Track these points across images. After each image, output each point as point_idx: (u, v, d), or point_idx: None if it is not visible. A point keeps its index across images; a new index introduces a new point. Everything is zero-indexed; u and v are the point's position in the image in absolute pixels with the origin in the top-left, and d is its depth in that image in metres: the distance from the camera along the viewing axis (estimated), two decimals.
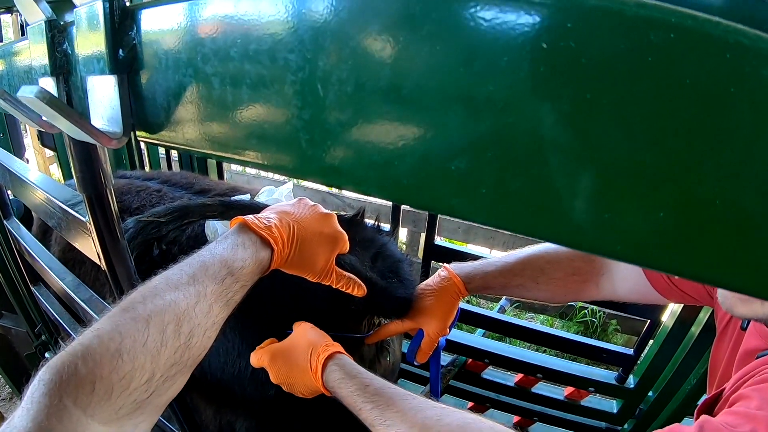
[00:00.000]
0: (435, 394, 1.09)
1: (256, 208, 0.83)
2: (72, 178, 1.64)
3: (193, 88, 0.35)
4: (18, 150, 1.62)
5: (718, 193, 0.21)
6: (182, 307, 0.47)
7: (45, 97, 0.36)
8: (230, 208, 0.87)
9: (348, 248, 0.74)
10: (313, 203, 0.73)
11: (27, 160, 2.25)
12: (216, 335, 0.52)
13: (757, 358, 0.65)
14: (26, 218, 1.46)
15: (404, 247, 3.25)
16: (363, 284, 0.77)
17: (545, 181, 0.23)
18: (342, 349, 0.74)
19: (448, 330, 0.94)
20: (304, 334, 0.76)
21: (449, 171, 0.25)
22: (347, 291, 0.75)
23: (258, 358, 0.77)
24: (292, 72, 0.28)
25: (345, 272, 0.75)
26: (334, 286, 0.74)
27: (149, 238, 0.89)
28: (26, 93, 0.37)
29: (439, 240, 1.34)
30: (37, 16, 0.51)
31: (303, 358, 0.72)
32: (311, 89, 0.28)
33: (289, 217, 0.66)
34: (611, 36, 0.21)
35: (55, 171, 3.86)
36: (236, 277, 0.54)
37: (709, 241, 0.22)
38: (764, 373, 0.60)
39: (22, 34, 1.63)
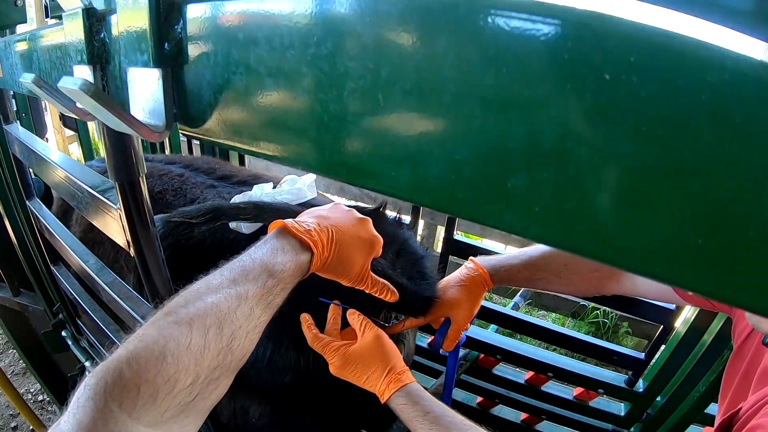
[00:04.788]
0: (449, 387, 1.11)
1: (290, 211, 0.84)
2: (92, 158, 1.65)
3: (243, 86, 0.35)
4: (40, 130, 1.63)
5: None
6: (223, 310, 0.47)
7: (90, 89, 0.36)
8: (264, 210, 0.87)
9: (381, 252, 0.75)
10: (349, 208, 0.74)
11: (47, 139, 2.27)
12: (258, 338, 0.52)
13: None
14: (45, 196, 1.48)
15: (422, 239, 3.25)
16: (395, 290, 0.78)
17: (598, 205, 0.24)
18: (412, 377, 0.78)
19: (468, 325, 0.96)
20: (381, 346, 0.79)
21: (505, 188, 0.25)
22: (380, 296, 0.77)
23: (325, 353, 0.80)
24: (352, 79, 0.28)
25: (379, 278, 0.76)
26: (367, 291, 0.75)
27: (180, 239, 0.90)
28: (69, 84, 0.37)
29: (455, 234, 1.34)
30: (73, 2, 0.52)
31: (375, 377, 0.76)
32: (373, 97, 0.28)
33: (327, 221, 0.67)
34: (671, 74, 0.22)
35: (75, 150, 3.90)
36: (277, 280, 0.55)
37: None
38: None
39: (46, 15, 1.64)
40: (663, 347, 1.29)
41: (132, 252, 0.66)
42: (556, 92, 0.24)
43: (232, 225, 0.92)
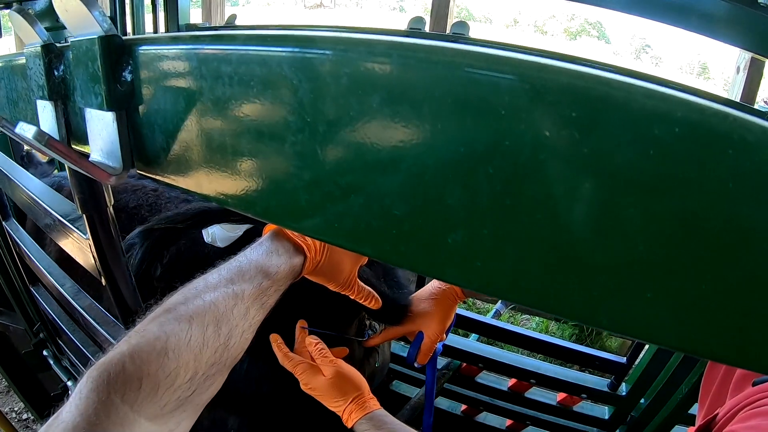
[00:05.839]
0: (430, 397, 1.12)
1: None
2: (64, 170, 1.61)
3: (191, 134, 0.35)
4: (17, 146, 1.61)
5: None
6: (221, 309, 0.48)
7: (43, 138, 0.36)
8: None
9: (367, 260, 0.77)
10: None
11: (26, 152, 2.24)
12: (252, 338, 0.53)
13: (754, 384, 0.66)
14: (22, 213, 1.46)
15: None
16: (379, 298, 0.80)
17: (539, 260, 0.24)
18: (377, 404, 0.79)
19: (445, 335, 0.98)
20: (341, 381, 0.80)
21: (446, 243, 0.26)
22: (364, 303, 0.79)
23: (295, 372, 0.81)
24: (291, 131, 0.29)
25: (364, 285, 0.78)
26: (352, 297, 0.76)
27: (167, 246, 0.88)
28: (24, 132, 0.37)
29: None
30: (33, 38, 0.51)
31: (339, 404, 0.78)
32: (311, 149, 0.28)
33: None
34: (614, 128, 0.21)
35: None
36: (271, 281, 0.56)
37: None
38: (757, 406, 0.60)
39: None
40: (646, 348, 1.30)
41: (103, 281, 0.65)
42: (492, 148, 0.24)
43: (207, 239, 0.92)
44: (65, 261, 1.07)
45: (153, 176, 0.41)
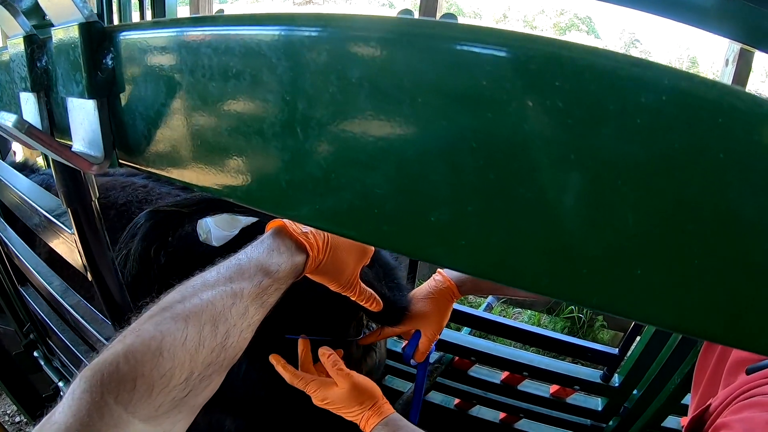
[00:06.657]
0: (418, 394, 1.12)
1: None
2: (49, 167, 1.59)
3: (172, 120, 0.34)
4: (4, 144, 1.60)
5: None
6: (218, 308, 0.48)
7: (23, 126, 0.36)
8: None
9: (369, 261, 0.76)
10: None
11: (14, 152, 2.22)
12: (251, 337, 0.52)
13: (747, 372, 0.66)
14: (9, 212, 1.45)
15: None
16: (380, 300, 0.79)
17: (524, 238, 0.24)
18: (390, 407, 0.80)
19: (437, 335, 0.98)
20: (357, 390, 0.79)
21: (429, 222, 0.25)
22: (365, 305, 0.78)
23: (307, 390, 0.80)
24: (271, 113, 0.28)
25: (366, 287, 0.77)
26: (353, 299, 0.76)
27: (170, 230, 0.87)
28: (4, 121, 0.37)
29: None
30: (15, 29, 0.51)
31: (355, 413, 0.79)
32: (292, 130, 0.28)
33: None
34: (600, 97, 0.21)
35: (40, 158, 3.84)
36: (272, 280, 0.55)
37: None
38: (750, 396, 0.61)
39: None
40: (638, 339, 1.31)
41: (89, 276, 0.65)
42: (475, 122, 0.24)
43: (201, 234, 0.91)
44: (55, 264, 1.07)
45: (135, 165, 0.40)
